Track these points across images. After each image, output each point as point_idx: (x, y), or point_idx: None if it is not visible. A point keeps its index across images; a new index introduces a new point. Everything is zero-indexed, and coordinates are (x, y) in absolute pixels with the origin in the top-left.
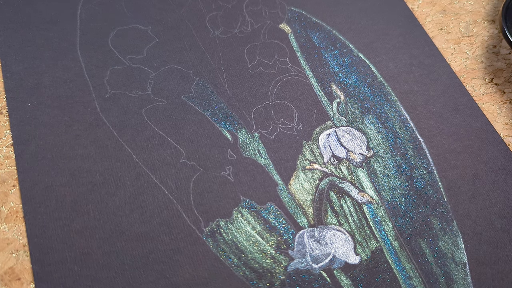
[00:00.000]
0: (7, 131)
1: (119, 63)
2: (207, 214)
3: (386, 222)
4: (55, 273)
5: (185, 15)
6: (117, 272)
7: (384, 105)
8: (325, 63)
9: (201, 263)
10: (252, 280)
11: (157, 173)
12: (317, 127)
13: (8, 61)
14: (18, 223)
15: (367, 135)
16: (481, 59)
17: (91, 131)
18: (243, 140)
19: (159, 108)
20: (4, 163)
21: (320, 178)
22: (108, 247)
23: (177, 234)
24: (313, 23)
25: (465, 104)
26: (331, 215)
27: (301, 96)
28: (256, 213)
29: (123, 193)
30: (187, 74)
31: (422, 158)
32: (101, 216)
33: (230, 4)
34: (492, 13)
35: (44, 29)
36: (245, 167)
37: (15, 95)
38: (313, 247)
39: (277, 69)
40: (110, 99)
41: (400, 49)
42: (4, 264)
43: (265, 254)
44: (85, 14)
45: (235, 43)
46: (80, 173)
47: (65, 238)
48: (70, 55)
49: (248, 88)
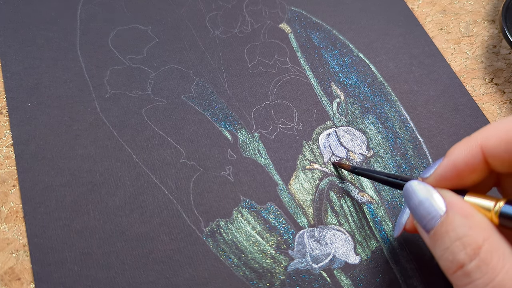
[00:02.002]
0: (7, 131)
1: (119, 63)
2: (207, 214)
3: (386, 222)
4: (55, 273)
5: (185, 15)
6: (117, 272)
7: (384, 105)
8: (325, 63)
9: (201, 263)
10: (252, 280)
11: (157, 173)
12: (317, 127)
13: (8, 61)
14: (18, 223)
15: (367, 135)
16: (481, 59)
17: (91, 131)
18: (243, 140)
19: (159, 108)
20: (4, 163)
21: (320, 178)
22: (108, 247)
23: (177, 234)
24: (313, 23)
25: (465, 104)
26: (331, 215)
27: (301, 96)
28: (256, 213)
29: (123, 193)
30: (187, 74)
31: (422, 158)
32: (101, 216)
33: (230, 4)
34: (492, 13)
35: (44, 29)
36: (245, 167)
37: (15, 95)
38: (313, 247)
39: (277, 69)
40: (110, 99)
41: (400, 49)
42: (4, 264)
43: (265, 254)
44: (85, 14)
45: (235, 43)
46: (80, 173)
47: (65, 238)
48: (70, 55)
49: (248, 88)
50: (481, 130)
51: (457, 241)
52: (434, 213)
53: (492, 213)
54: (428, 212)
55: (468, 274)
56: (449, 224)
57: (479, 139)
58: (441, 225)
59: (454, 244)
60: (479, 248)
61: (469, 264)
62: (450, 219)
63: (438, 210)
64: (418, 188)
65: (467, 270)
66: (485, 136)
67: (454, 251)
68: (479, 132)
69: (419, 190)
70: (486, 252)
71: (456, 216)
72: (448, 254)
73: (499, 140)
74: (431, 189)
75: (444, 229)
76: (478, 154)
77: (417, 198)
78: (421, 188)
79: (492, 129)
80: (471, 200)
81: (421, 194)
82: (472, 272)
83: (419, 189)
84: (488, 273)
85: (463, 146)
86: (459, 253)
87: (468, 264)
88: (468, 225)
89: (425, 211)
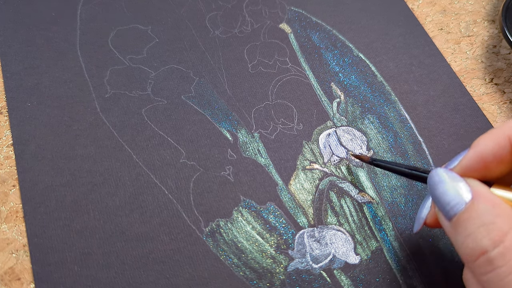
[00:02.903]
0: (7, 131)
1: (119, 63)
2: (207, 214)
3: (386, 222)
4: (55, 273)
5: (185, 15)
6: (117, 272)
7: (384, 105)
8: (325, 63)
9: (201, 263)
10: (252, 280)
11: (157, 173)
12: (317, 127)
13: (8, 61)
14: (18, 223)
15: (367, 135)
16: (481, 59)
17: (91, 131)
18: (243, 140)
19: (159, 108)
20: (4, 163)
21: (320, 178)
22: (108, 247)
23: (177, 234)
24: (313, 23)
25: (465, 104)
26: (331, 215)
27: (301, 96)
28: (256, 213)
29: (123, 193)
30: (187, 74)
31: (422, 158)
32: (101, 216)
33: (230, 4)
34: (492, 13)
35: (44, 29)
36: (245, 167)
37: (15, 95)
38: (313, 247)
39: (277, 69)
40: (110, 99)
41: (400, 49)
42: (4, 264)
43: (265, 254)
44: (85, 14)
45: (235, 43)
46: (80, 173)
47: (65, 238)
48: (70, 55)
49: (248, 88)
50: (509, 122)
51: (481, 227)
52: (459, 199)
53: None
54: (453, 198)
55: (491, 261)
56: (474, 211)
57: (508, 130)
58: (465, 211)
59: (478, 230)
60: (505, 235)
61: (492, 250)
62: (475, 206)
63: (463, 197)
64: (444, 176)
65: (490, 257)
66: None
67: (478, 237)
68: (507, 124)
69: (445, 178)
70: (511, 240)
71: (481, 204)
72: (470, 240)
73: None
74: (457, 176)
75: (468, 215)
76: (506, 145)
77: (443, 186)
78: (447, 176)
79: None
80: (497, 192)
81: (447, 182)
82: (495, 259)
83: (445, 177)
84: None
85: (491, 137)
86: (482, 239)
87: (492, 251)
88: (495, 213)
89: (450, 198)
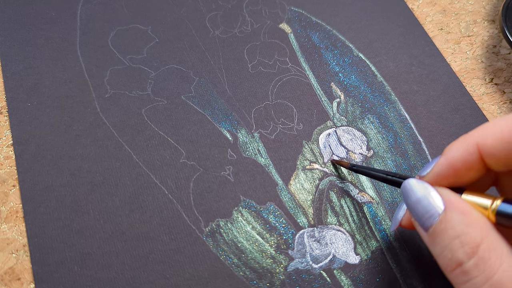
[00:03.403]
0: (7, 131)
1: (119, 63)
2: (207, 214)
3: (386, 222)
4: (55, 273)
5: (185, 15)
6: (117, 272)
7: (384, 105)
8: (325, 63)
9: (201, 263)
10: (252, 280)
11: (157, 173)
12: (317, 127)
13: (8, 61)
14: (18, 223)
15: (367, 135)
16: (481, 59)
17: (91, 131)
18: (243, 140)
19: (159, 108)
20: (4, 163)
21: (320, 178)
22: (108, 247)
23: (177, 234)
24: (313, 23)
25: (465, 104)
26: (331, 215)
27: (301, 96)
28: (256, 213)
29: (123, 193)
30: (187, 74)
31: (422, 158)
32: (101, 216)
33: (230, 4)
34: (492, 13)
35: (44, 29)
36: (245, 167)
37: (15, 95)
38: (313, 247)
39: (277, 69)
40: (110, 99)
41: (400, 49)
42: (4, 264)
43: (265, 254)
44: (85, 14)
45: (235, 43)
46: (80, 173)
47: (65, 238)
48: (70, 55)
49: (248, 88)
50: (478, 129)
51: (455, 239)
52: (433, 211)
53: (489, 211)
54: (426, 210)
55: (467, 272)
56: (448, 222)
57: (476, 137)
58: (440, 223)
59: (453, 242)
60: (477, 246)
61: (467, 262)
62: (448, 217)
63: (436, 208)
64: (416, 186)
65: (465, 268)
66: (481, 134)
67: (453, 249)
68: (476, 131)
69: (417, 188)
70: (484, 250)
71: (454, 214)
72: (446, 252)
73: (495, 139)
74: (429, 187)
75: (443, 227)
76: (474, 153)
77: (415, 196)
78: (419, 186)
79: (489, 128)
80: (469, 199)
81: (419, 192)
82: (470, 270)
83: (417, 187)
84: (486, 271)
85: (460, 145)
86: (457, 251)
87: (467, 262)
88: (466, 222)
89: (424, 209)
